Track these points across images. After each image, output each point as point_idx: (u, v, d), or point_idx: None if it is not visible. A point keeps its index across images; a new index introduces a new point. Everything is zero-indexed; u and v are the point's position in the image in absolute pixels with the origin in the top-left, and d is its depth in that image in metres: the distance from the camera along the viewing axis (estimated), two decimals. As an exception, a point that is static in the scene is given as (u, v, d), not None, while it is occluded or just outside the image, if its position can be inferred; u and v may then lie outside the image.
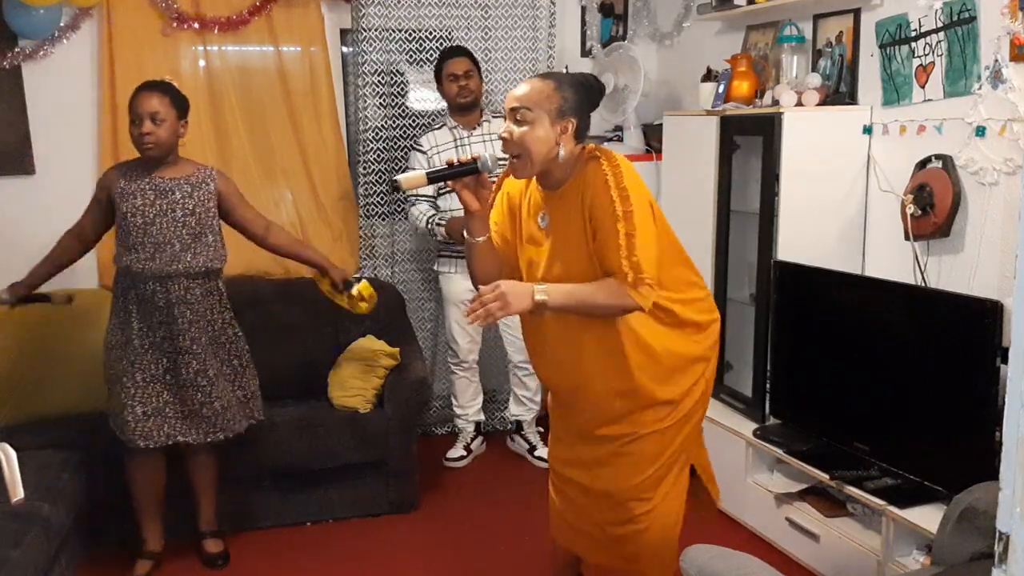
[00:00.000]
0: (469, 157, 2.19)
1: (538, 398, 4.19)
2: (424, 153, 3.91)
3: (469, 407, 4.19)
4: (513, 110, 2.15)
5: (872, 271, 3.33)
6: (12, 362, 3.50)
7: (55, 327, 3.57)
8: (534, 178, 2.28)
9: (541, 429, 4.22)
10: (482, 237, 2.26)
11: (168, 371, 3.04)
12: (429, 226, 3.84)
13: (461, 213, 3.81)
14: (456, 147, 3.90)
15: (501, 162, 2.25)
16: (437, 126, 4.01)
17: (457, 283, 4.00)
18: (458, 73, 3.87)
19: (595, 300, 2.12)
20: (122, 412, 3.00)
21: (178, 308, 3.02)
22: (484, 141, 3.92)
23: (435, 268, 4.13)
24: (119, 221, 3.01)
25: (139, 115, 2.92)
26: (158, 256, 2.98)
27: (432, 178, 2.20)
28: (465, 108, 3.92)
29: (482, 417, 4.26)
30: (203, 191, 3.08)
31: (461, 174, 2.17)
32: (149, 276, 2.99)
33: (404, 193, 3.86)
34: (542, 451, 4.08)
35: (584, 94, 2.21)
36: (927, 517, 2.58)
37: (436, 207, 3.91)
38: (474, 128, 3.95)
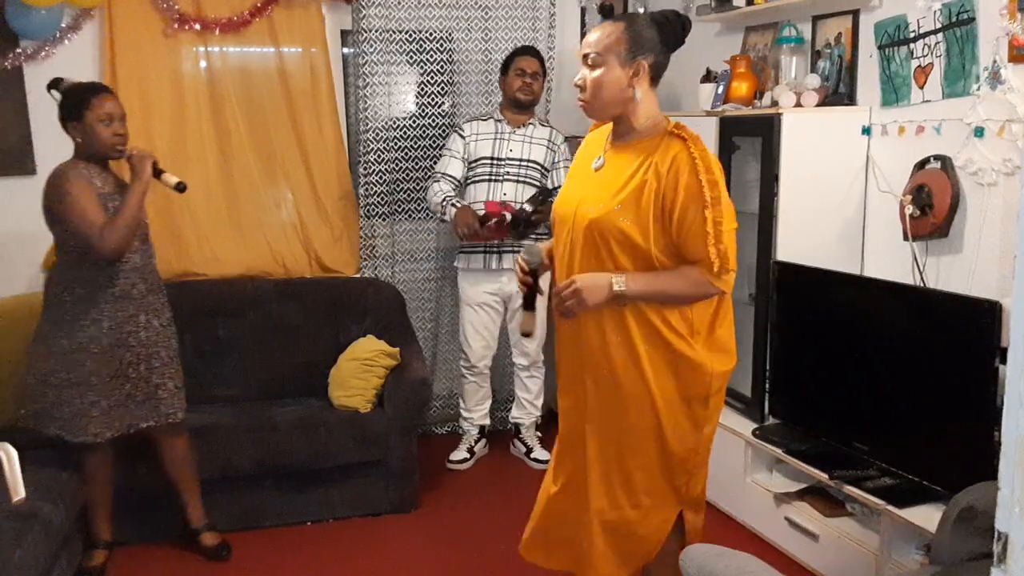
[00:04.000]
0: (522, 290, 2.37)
1: (539, 402, 4.19)
2: (463, 138, 3.94)
3: (476, 411, 4.18)
4: (585, 56, 2.18)
5: (871, 271, 3.33)
6: (12, 362, 3.50)
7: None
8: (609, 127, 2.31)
9: (540, 434, 4.23)
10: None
11: (130, 363, 3.02)
12: (443, 203, 3.83)
13: (481, 207, 3.81)
14: (495, 139, 3.93)
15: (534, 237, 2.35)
16: (484, 117, 4.04)
17: (474, 284, 4.00)
18: (527, 70, 3.90)
19: (676, 290, 2.15)
20: (86, 411, 2.95)
21: (149, 298, 3.07)
22: (524, 141, 3.94)
23: (455, 264, 4.10)
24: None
25: (110, 116, 2.95)
26: (142, 249, 3.03)
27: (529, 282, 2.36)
28: (523, 106, 3.93)
29: (488, 422, 4.25)
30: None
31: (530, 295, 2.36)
32: (131, 269, 3.00)
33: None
34: (539, 453, 4.10)
35: (658, 32, 2.17)
36: (926, 517, 2.59)
37: (458, 192, 3.93)
38: (519, 127, 3.97)
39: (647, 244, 2.14)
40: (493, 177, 3.90)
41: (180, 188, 2.97)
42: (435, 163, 4.09)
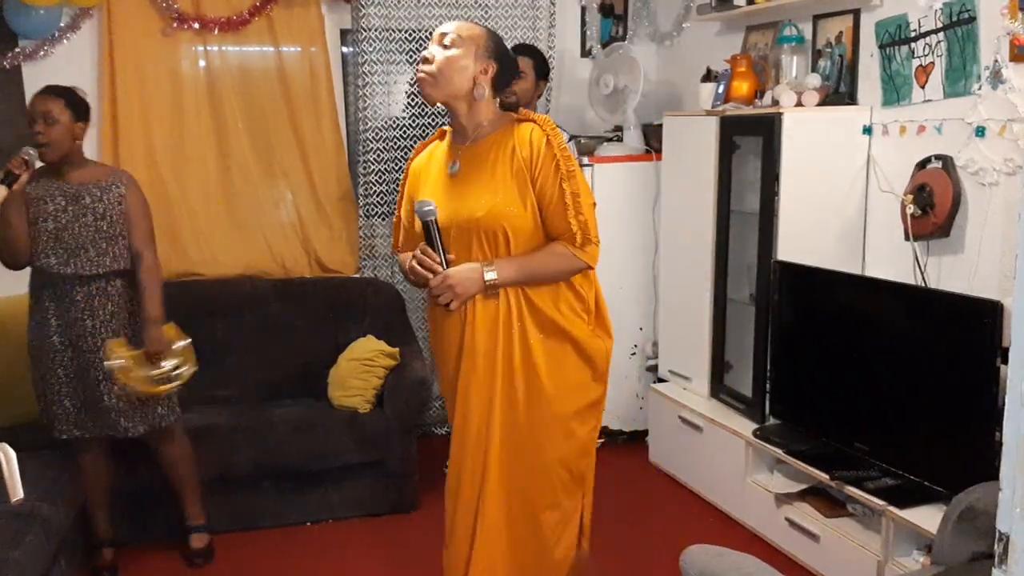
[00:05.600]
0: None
1: None
2: None
3: None
4: (443, 35, 2.23)
5: (872, 271, 3.33)
6: (12, 362, 3.50)
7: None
8: (441, 144, 2.33)
9: None
10: None
11: (81, 368, 3.00)
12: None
13: None
14: None
15: None
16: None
17: None
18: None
19: (545, 269, 2.17)
20: (52, 407, 3.02)
21: (94, 305, 2.99)
22: None
23: None
24: (30, 225, 2.95)
25: (31, 116, 2.94)
26: (73, 261, 2.95)
27: None
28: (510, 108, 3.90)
29: None
30: (112, 194, 3.00)
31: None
32: (67, 278, 2.96)
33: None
34: None
35: (506, 56, 2.29)
36: (927, 517, 2.58)
37: None
38: None
39: (537, 225, 2.18)
40: None
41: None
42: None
